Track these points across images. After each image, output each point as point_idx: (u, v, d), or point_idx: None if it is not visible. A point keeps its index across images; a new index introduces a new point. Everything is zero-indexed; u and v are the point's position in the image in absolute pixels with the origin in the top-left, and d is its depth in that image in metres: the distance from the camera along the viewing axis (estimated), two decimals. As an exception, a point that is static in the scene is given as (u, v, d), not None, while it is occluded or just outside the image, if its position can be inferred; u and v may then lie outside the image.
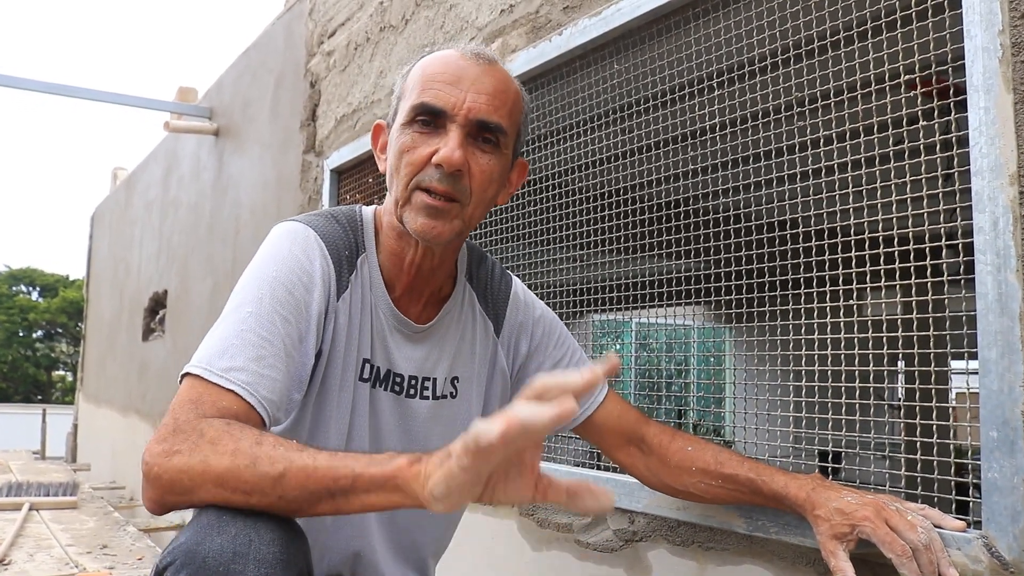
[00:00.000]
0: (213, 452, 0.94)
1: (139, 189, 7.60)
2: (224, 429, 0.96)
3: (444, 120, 1.16)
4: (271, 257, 1.18)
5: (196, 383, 1.05)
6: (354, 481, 0.91)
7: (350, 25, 3.37)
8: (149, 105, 5.85)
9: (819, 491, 1.18)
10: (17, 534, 3.24)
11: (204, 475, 0.93)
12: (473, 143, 1.17)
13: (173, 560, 0.90)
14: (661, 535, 1.64)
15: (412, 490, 0.88)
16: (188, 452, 0.94)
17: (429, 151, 1.16)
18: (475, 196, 1.18)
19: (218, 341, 1.08)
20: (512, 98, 1.21)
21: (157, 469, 0.95)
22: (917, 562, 1.07)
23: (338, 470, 0.91)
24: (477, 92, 1.16)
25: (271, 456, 0.92)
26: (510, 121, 1.20)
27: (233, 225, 4.69)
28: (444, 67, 1.19)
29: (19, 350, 32.40)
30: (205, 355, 1.07)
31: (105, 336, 8.40)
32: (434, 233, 1.17)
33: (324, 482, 0.91)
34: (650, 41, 1.77)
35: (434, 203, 1.16)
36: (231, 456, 0.93)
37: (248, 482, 0.92)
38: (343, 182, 3.31)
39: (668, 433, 1.39)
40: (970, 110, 1.14)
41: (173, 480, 0.95)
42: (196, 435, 0.96)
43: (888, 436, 1.39)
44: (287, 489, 0.92)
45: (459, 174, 1.15)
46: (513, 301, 1.42)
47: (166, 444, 0.96)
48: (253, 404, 1.05)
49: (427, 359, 1.30)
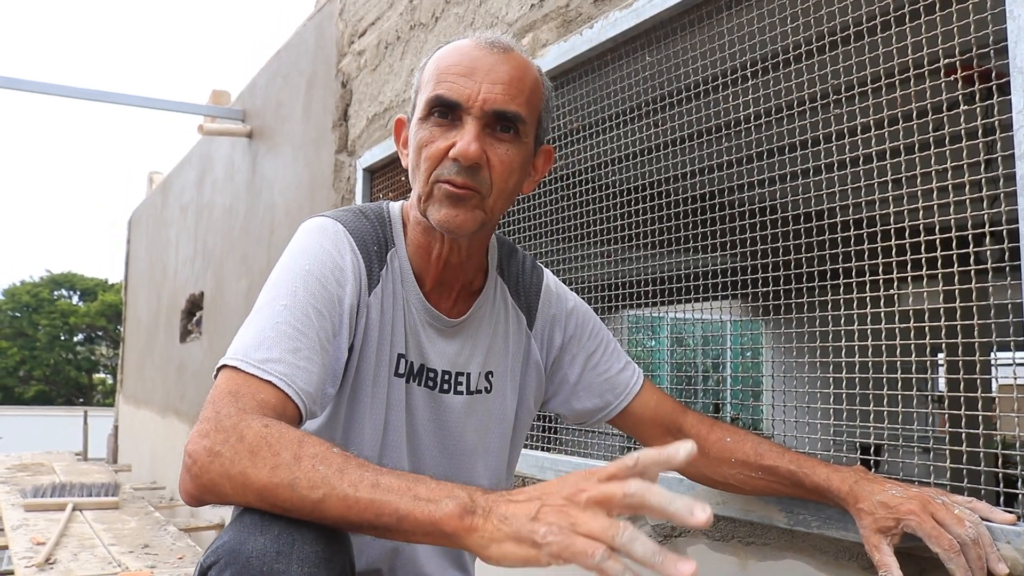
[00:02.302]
0: (252, 464, 0.92)
1: (174, 192, 7.69)
2: (263, 435, 0.94)
3: (460, 113, 1.15)
4: (303, 251, 1.18)
5: (234, 375, 1.04)
6: (399, 521, 0.86)
7: (380, 24, 3.38)
8: (183, 109, 5.92)
9: (862, 484, 1.16)
10: (61, 534, 3.30)
11: (245, 487, 0.92)
12: (491, 134, 1.16)
13: (217, 559, 0.90)
14: (700, 530, 1.62)
15: (464, 543, 0.84)
16: (229, 458, 0.93)
17: (446, 145, 1.14)
18: (496, 187, 1.17)
19: (254, 333, 1.08)
20: (530, 85, 1.18)
21: (198, 469, 0.94)
22: (965, 557, 1.04)
23: (381, 506, 0.87)
24: (492, 82, 1.14)
25: (311, 479, 0.89)
26: (528, 108, 1.18)
27: (267, 226, 4.72)
28: (459, 58, 1.17)
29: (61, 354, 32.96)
30: (241, 347, 1.07)
31: (143, 338, 8.51)
32: (456, 223, 1.15)
33: (366, 516, 0.88)
34: (682, 32, 1.75)
35: (455, 191, 1.14)
36: (269, 473, 0.91)
37: (287, 501, 0.90)
38: (375, 181, 3.32)
39: (707, 424, 1.37)
40: (1013, 93, 1.11)
41: (214, 482, 0.94)
42: (236, 437, 0.94)
43: (929, 429, 1.36)
44: (326, 514, 0.89)
45: (477, 167, 1.14)
46: (545, 294, 1.41)
47: (207, 441, 0.95)
48: (291, 395, 1.04)
49: (460, 354, 1.30)
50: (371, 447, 1.22)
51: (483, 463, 1.33)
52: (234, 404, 0.99)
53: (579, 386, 1.41)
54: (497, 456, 1.35)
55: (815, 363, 1.52)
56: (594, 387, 1.41)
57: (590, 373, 1.41)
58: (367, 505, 0.87)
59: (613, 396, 1.40)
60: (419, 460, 1.27)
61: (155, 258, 8.32)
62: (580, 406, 1.42)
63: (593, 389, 1.41)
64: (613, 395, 1.40)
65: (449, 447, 1.29)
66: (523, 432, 1.41)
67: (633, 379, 1.41)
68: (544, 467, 2.05)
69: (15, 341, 31.72)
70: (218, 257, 5.78)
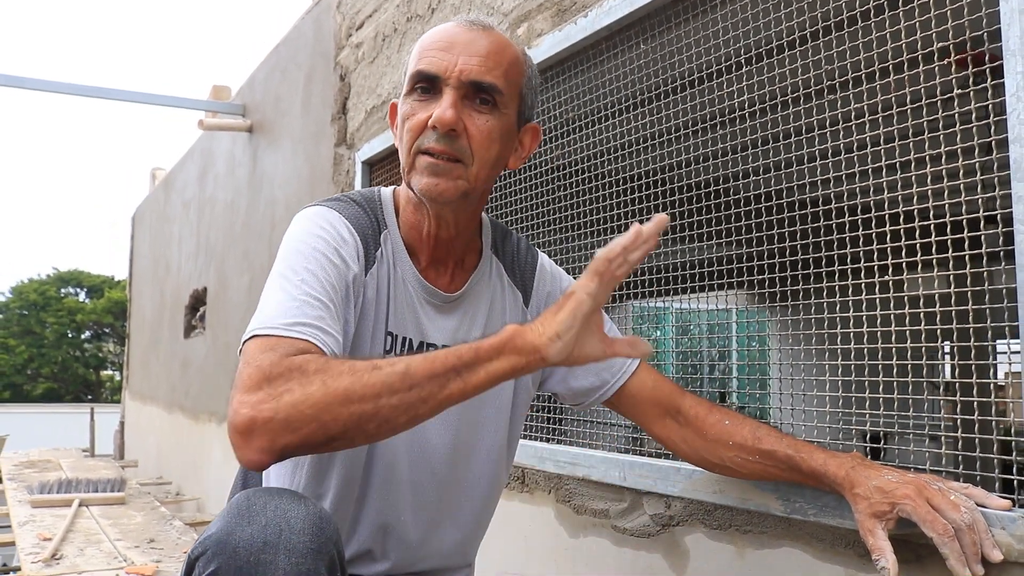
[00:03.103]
0: (329, 377, 0.95)
1: (177, 188, 7.70)
2: (323, 360, 0.98)
3: (439, 84, 1.19)
4: (306, 232, 1.20)
5: (264, 340, 1.03)
6: (476, 352, 0.99)
7: (377, 17, 3.38)
8: (184, 104, 5.93)
9: (859, 469, 1.16)
10: (68, 529, 3.31)
11: (327, 397, 0.93)
12: (470, 105, 1.19)
13: (205, 550, 0.90)
14: (698, 519, 1.62)
15: (529, 342, 0.99)
16: (299, 386, 0.94)
17: (426, 116, 1.18)
18: (477, 156, 1.20)
19: (275, 306, 1.08)
20: (508, 59, 1.22)
21: (267, 413, 0.93)
22: (960, 542, 1.04)
23: (459, 350, 0.99)
24: (469, 55, 1.19)
25: (386, 361, 0.97)
26: (506, 80, 1.21)
27: (268, 220, 4.73)
28: (440, 36, 1.22)
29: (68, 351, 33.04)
30: (266, 318, 1.06)
31: (148, 335, 8.54)
32: (437, 190, 1.18)
33: (449, 362, 0.97)
34: (676, 20, 1.74)
35: (435, 161, 1.18)
36: (349, 374, 0.95)
37: (375, 385, 0.95)
38: (375, 173, 3.32)
39: (705, 406, 1.37)
40: (1007, 75, 1.11)
41: (289, 417, 0.93)
42: (299, 372, 0.95)
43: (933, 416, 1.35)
44: (416, 379, 0.96)
45: (454, 133, 1.17)
46: (540, 272, 1.43)
47: (263, 392, 0.94)
48: (326, 353, 1.04)
49: (459, 329, 1.31)
50: None
51: (481, 438, 1.35)
52: (275, 355, 0.99)
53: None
54: (495, 432, 1.36)
55: (822, 351, 1.51)
56: (590, 365, 1.41)
57: None
58: (446, 355, 0.99)
59: (609, 374, 1.40)
60: (420, 435, 1.28)
61: (158, 254, 8.34)
62: (577, 384, 1.42)
63: (590, 367, 1.41)
64: (609, 373, 1.40)
65: (450, 421, 1.31)
66: (522, 410, 1.42)
67: (629, 358, 1.42)
68: (543, 457, 2.05)
69: (23, 339, 31.81)
70: (220, 252, 5.78)
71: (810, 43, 1.45)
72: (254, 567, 0.87)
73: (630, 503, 1.80)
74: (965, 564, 1.04)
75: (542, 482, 2.09)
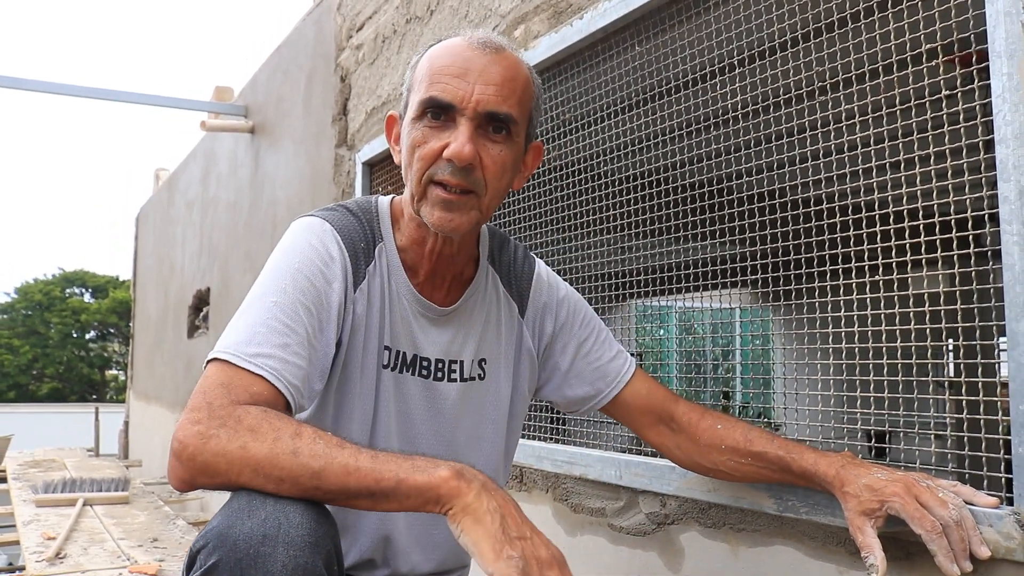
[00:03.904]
0: (253, 439, 0.96)
1: (180, 189, 7.72)
2: (263, 417, 0.98)
3: (454, 114, 1.16)
4: (292, 249, 1.20)
5: (225, 367, 1.06)
6: (396, 485, 0.94)
7: (377, 18, 3.39)
8: (187, 106, 5.95)
9: (849, 468, 1.17)
10: (72, 528, 3.33)
11: (242, 460, 0.95)
12: (484, 135, 1.17)
13: (206, 543, 0.92)
14: (693, 517, 1.63)
15: (448, 504, 0.94)
16: (227, 437, 0.96)
17: (440, 145, 1.16)
18: (490, 186, 1.19)
19: (244, 328, 1.10)
20: (521, 85, 1.20)
21: (192, 450, 0.97)
22: (948, 539, 1.05)
23: (381, 472, 0.94)
24: (485, 83, 1.15)
25: (312, 449, 0.95)
26: (520, 109, 1.19)
27: (270, 221, 4.75)
28: (451, 59, 1.18)
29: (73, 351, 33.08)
30: (232, 341, 1.09)
31: (152, 335, 8.56)
32: (452, 226, 1.18)
33: (365, 482, 0.94)
34: (670, 22, 1.75)
35: (449, 197, 1.16)
36: (272, 444, 0.95)
37: (286, 469, 0.94)
38: (375, 174, 3.33)
39: (698, 411, 1.38)
40: (992, 77, 1.12)
41: (208, 463, 0.96)
42: (234, 421, 0.97)
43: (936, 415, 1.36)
44: (326, 481, 0.94)
45: (471, 167, 1.16)
46: (536, 282, 1.43)
47: (201, 427, 0.97)
48: (280, 389, 1.07)
49: (453, 342, 1.32)
50: (360, 439, 1.24)
51: (479, 451, 1.35)
52: (226, 395, 1.02)
53: (571, 374, 1.43)
54: (493, 443, 1.37)
55: (825, 349, 1.51)
56: (585, 375, 1.43)
57: (581, 361, 1.43)
58: (367, 472, 0.94)
59: (604, 384, 1.42)
60: (414, 448, 1.29)
61: (162, 254, 8.36)
62: (572, 393, 1.44)
63: (584, 377, 1.43)
64: (604, 383, 1.42)
65: (445, 435, 1.31)
66: (519, 420, 1.43)
67: (624, 367, 1.43)
68: (541, 456, 2.07)
69: (28, 339, 31.85)
70: (223, 252, 5.80)
71: (801, 45, 1.46)
72: (253, 559, 0.89)
73: (626, 502, 1.82)
74: (953, 560, 1.05)
75: (540, 481, 2.11)
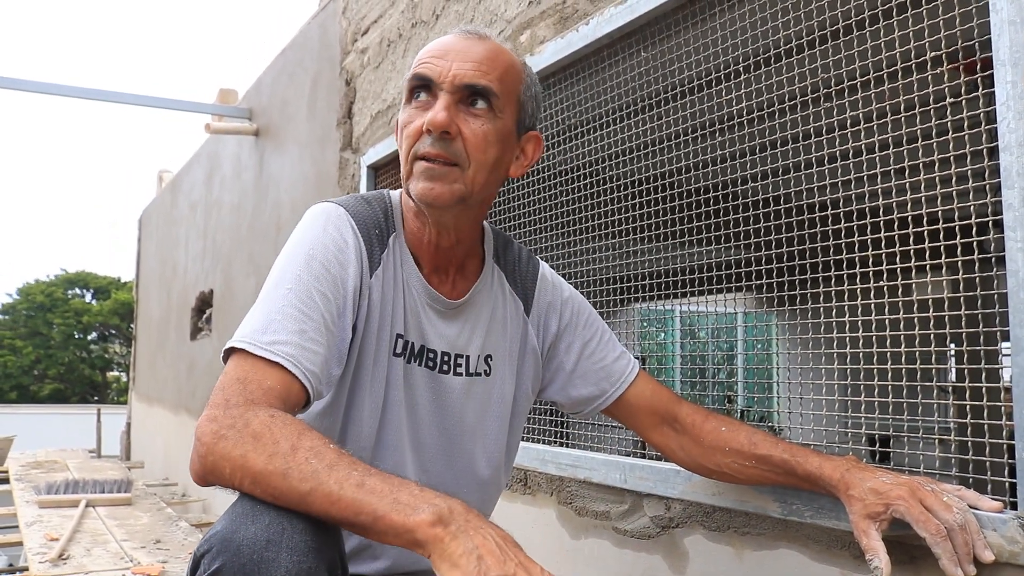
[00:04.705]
0: (253, 449, 0.96)
1: (183, 191, 7.74)
2: (267, 424, 0.98)
3: (434, 90, 1.20)
4: (307, 236, 1.22)
5: (242, 360, 1.07)
6: (374, 522, 0.91)
7: (382, 22, 3.40)
8: (191, 108, 5.96)
9: (853, 472, 1.18)
10: (75, 530, 3.34)
11: (243, 470, 0.96)
12: (465, 109, 1.20)
13: (210, 548, 0.93)
14: (697, 521, 1.64)
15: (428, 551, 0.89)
16: (232, 441, 0.97)
17: (422, 122, 1.19)
18: (473, 159, 1.20)
19: (261, 317, 1.12)
20: (503, 64, 1.23)
21: (204, 449, 0.99)
22: (952, 542, 1.06)
23: (361, 506, 0.91)
24: (463, 60, 1.20)
25: (302, 471, 0.94)
26: (501, 85, 1.22)
27: (274, 223, 4.76)
28: (436, 44, 1.24)
29: (75, 352, 33.09)
30: (249, 330, 1.10)
31: (155, 336, 8.57)
32: (433, 195, 1.19)
33: (346, 513, 0.92)
34: (676, 28, 1.76)
35: (431, 167, 1.19)
36: (266, 460, 0.95)
37: (277, 490, 0.95)
38: (380, 177, 3.34)
39: (702, 413, 1.39)
40: (997, 85, 1.12)
41: (216, 464, 0.98)
42: (243, 423, 0.98)
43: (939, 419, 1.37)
44: (311, 507, 0.94)
45: (448, 136, 1.18)
46: (541, 282, 1.44)
47: (216, 424, 0.99)
48: (298, 376, 1.08)
49: (459, 336, 1.33)
50: (370, 425, 1.25)
51: (481, 446, 1.36)
52: (242, 392, 1.03)
53: (575, 374, 1.44)
54: (495, 440, 1.38)
55: (828, 354, 1.52)
56: (590, 375, 1.43)
57: (586, 361, 1.44)
58: (349, 504, 0.91)
59: (608, 384, 1.43)
60: (419, 439, 1.30)
61: (165, 256, 8.38)
62: (576, 394, 1.44)
63: (589, 377, 1.43)
64: (608, 383, 1.43)
65: (448, 428, 1.32)
66: (521, 418, 1.44)
67: (628, 368, 1.44)
68: (545, 459, 2.08)
69: (30, 340, 31.86)
70: (226, 255, 5.81)
71: (806, 51, 1.47)
72: (257, 564, 0.90)
73: (631, 505, 1.82)
74: (957, 564, 1.05)
75: (544, 484, 2.12)
